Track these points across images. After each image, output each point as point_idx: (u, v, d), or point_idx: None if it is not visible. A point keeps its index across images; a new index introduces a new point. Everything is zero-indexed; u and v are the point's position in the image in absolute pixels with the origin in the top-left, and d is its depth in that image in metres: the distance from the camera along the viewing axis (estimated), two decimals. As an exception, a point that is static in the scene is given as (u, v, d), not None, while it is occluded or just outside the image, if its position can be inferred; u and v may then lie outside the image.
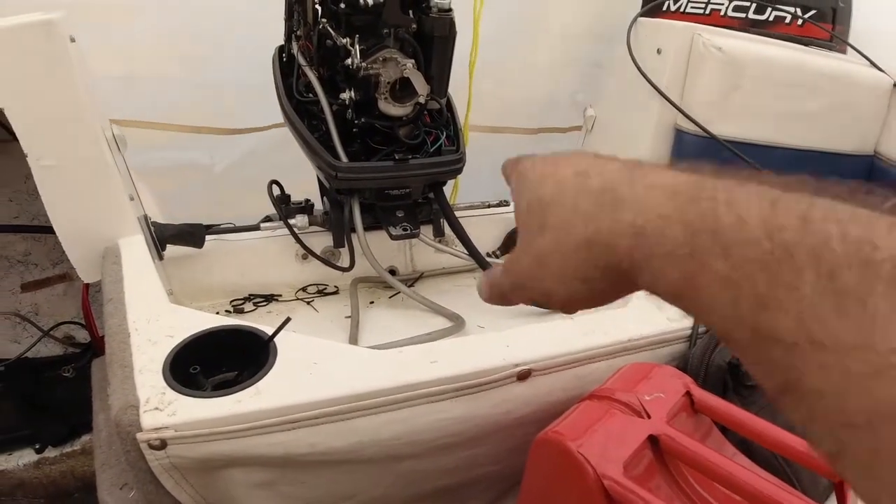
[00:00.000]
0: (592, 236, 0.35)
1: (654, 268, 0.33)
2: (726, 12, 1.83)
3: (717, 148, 1.14)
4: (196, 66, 1.79)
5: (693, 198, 0.31)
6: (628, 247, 0.34)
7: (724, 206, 0.29)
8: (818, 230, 0.26)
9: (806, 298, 0.25)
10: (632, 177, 0.35)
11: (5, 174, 1.37)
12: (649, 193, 0.33)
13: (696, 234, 0.30)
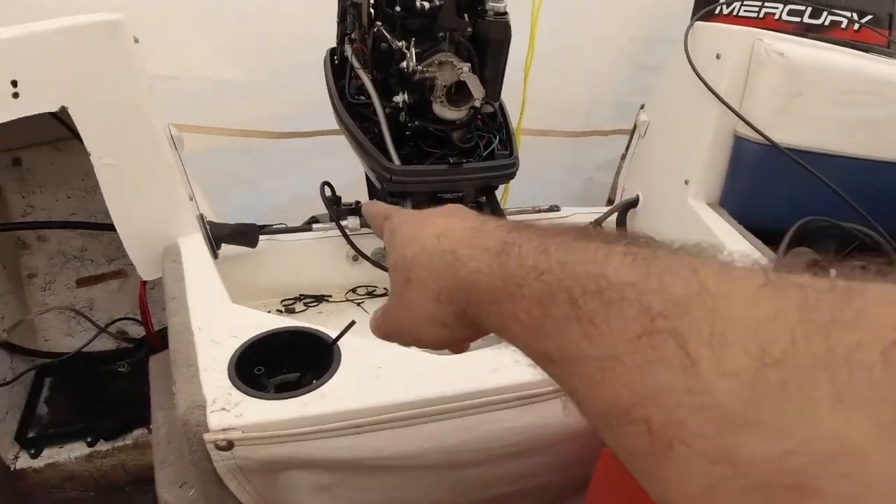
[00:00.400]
0: (441, 291, 0.42)
1: (483, 313, 0.39)
2: (781, 16, 1.79)
3: (778, 156, 1.11)
4: (244, 70, 1.81)
5: (499, 253, 0.37)
6: (465, 300, 0.40)
7: (515, 259, 0.36)
8: (570, 271, 0.32)
9: (561, 325, 0.31)
10: (472, 237, 0.41)
11: (64, 172, 1.40)
12: (474, 252, 0.39)
13: (496, 284, 0.36)
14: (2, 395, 1.30)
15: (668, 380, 0.26)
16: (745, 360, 0.24)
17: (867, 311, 0.22)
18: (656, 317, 0.27)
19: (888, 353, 0.21)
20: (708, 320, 0.26)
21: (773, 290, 0.25)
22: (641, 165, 1.38)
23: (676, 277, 0.28)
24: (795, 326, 0.23)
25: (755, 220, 1.17)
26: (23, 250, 1.44)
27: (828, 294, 0.24)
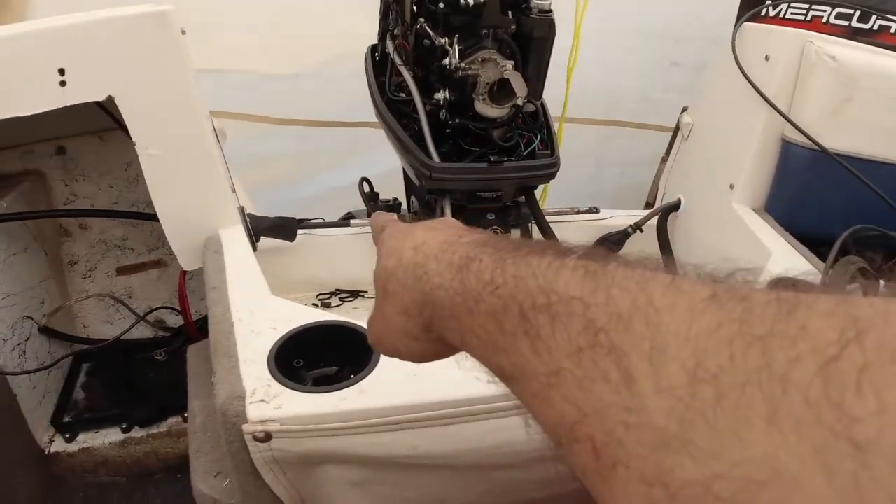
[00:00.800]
0: (409, 304, 0.42)
1: (445, 328, 0.39)
2: (828, 19, 1.75)
3: (827, 162, 1.08)
4: (282, 61, 1.83)
5: (460, 268, 0.37)
6: (430, 314, 0.40)
7: (474, 274, 0.36)
8: (523, 285, 0.32)
9: (512, 340, 0.31)
10: (442, 251, 0.40)
11: (107, 161, 1.42)
12: (439, 267, 0.39)
13: (456, 299, 0.36)
14: (39, 379, 1.33)
15: (607, 397, 0.25)
16: (682, 375, 0.23)
17: (810, 324, 0.21)
18: (599, 331, 0.27)
19: (827, 368, 0.19)
20: (649, 335, 0.25)
21: (717, 303, 0.24)
22: (684, 168, 1.36)
23: (624, 291, 0.27)
24: (734, 340, 0.22)
25: (801, 227, 1.14)
26: (65, 237, 1.47)
27: (772, 306, 0.22)
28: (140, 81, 0.94)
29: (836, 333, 0.20)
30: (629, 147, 2.33)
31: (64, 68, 0.90)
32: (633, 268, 0.29)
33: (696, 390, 0.22)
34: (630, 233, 1.29)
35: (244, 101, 1.81)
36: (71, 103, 0.91)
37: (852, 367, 0.19)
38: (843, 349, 0.19)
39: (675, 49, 2.18)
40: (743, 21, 1.24)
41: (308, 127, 1.93)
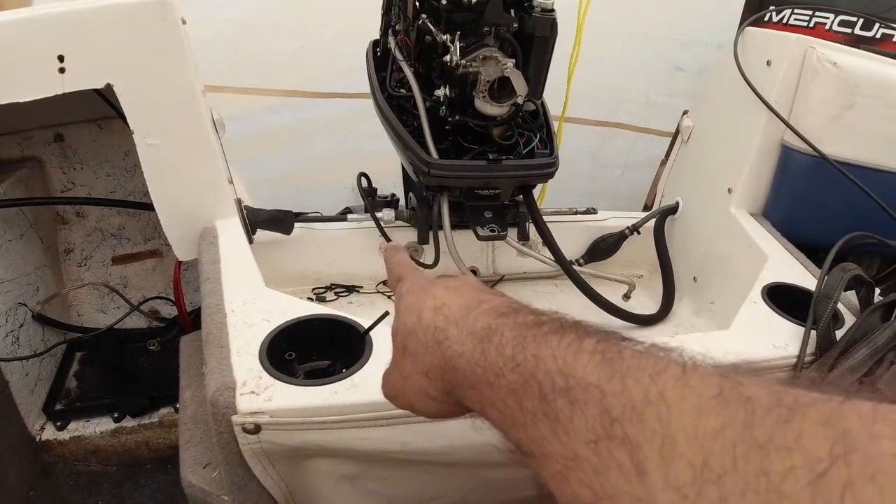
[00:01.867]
0: (430, 367, 0.43)
1: (466, 397, 0.40)
2: (831, 27, 1.75)
3: (826, 169, 1.08)
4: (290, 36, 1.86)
5: (482, 339, 0.38)
6: (451, 380, 0.41)
7: (495, 347, 0.37)
8: (543, 366, 0.33)
9: (532, 419, 0.33)
10: (463, 318, 0.41)
11: (106, 150, 1.42)
12: (460, 334, 0.40)
13: (477, 371, 0.37)
14: (32, 366, 1.32)
15: (621, 485, 0.27)
16: (689, 473, 0.25)
17: (806, 434, 0.23)
18: (614, 421, 0.29)
19: (816, 484, 0.22)
20: (660, 430, 0.27)
21: (723, 402, 0.26)
22: (683, 171, 1.36)
23: (637, 382, 0.29)
24: (737, 444, 0.24)
25: (799, 233, 1.14)
26: (61, 225, 1.47)
27: (772, 414, 0.24)
28: (139, 70, 0.93)
29: (826, 448, 0.22)
30: (630, 149, 2.33)
31: (63, 55, 0.89)
32: (647, 356, 0.31)
33: (702, 489, 0.24)
34: (627, 234, 1.29)
35: (248, 73, 1.84)
36: (69, 90, 0.91)
37: (838, 484, 0.21)
38: (832, 465, 0.22)
39: (680, 53, 2.18)
40: (745, 25, 1.24)
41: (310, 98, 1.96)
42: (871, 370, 0.78)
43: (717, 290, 1.18)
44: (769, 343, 0.82)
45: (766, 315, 0.90)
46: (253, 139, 1.93)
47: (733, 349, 0.80)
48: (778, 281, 0.98)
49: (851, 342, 0.82)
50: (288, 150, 2.04)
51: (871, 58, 1.15)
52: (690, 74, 2.19)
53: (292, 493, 0.73)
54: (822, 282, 0.89)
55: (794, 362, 0.81)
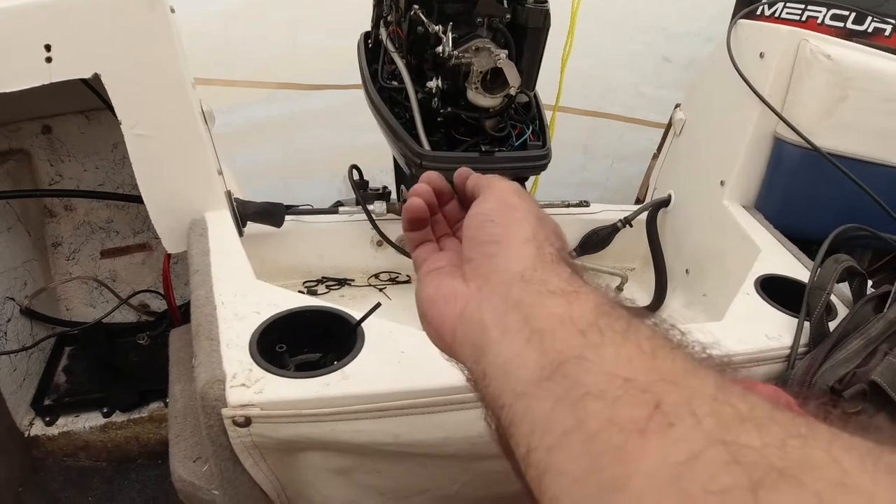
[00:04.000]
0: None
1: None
2: (823, 20, 1.75)
3: (819, 161, 1.08)
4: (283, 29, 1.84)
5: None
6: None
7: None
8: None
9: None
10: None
11: (94, 142, 1.40)
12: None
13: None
14: (20, 361, 1.31)
15: None
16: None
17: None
18: None
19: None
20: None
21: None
22: (675, 164, 1.36)
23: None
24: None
25: (790, 225, 1.14)
26: (49, 218, 1.45)
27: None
28: (127, 59, 0.92)
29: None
30: (619, 140, 2.34)
31: (50, 44, 0.88)
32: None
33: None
34: (620, 227, 1.28)
35: (240, 64, 1.83)
36: (56, 80, 0.89)
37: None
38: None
39: (667, 45, 2.18)
40: (738, 18, 1.24)
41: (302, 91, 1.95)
42: (864, 361, 0.78)
43: (709, 283, 1.18)
44: (762, 334, 0.82)
45: (760, 306, 0.90)
46: (244, 131, 1.92)
47: (726, 341, 0.79)
48: (771, 273, 0.98)
49: (844, 333, 0.82)
50: (279, 142, 2.03)
51: (864, 51, 1.15)
52: (679, 66, 2.19)
53: (284, 486, 0.72)
54: (816, 273, 0.89)
55: (788, 353, 0.81)
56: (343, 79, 1.82)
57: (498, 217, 0.44)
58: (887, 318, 0.83)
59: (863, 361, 0.78)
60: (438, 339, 0.44)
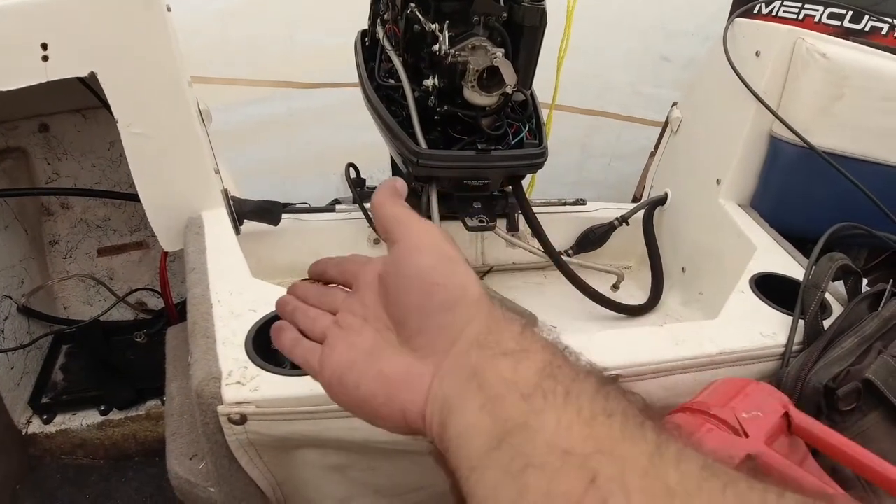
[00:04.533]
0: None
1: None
2: (820, 19, 1.75)
3: (814, 160, 1.08)
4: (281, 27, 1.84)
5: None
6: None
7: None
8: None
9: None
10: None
11: (91, 140, 1.40)
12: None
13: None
14: (17, 359, 1.31)
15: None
16: None
17: None
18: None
19: None
20: None
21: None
22: (672, 163, 1.36)
23: None
24: None
25: (786, 223, 1.14)
26: (46, 217, 1.45)
27: None
28: (124, 58, 0.92)
29: None
30: (616, 139, 2.34)
31: (47, 43, 0.88)
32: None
33: None
34: (616, 225, 1.29)
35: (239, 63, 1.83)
36: (53, 79, 0.89)
37: None
38: None
39: (666, 44, 2.18)
40: (735, 17, 1.24)
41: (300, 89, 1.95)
42: (858, 359, 0.79)
43: (705, 281, 1.18)
44: (757, 332, 0.82)
45: (754, 305, 0.90)
46: (241, 129, 1.92)
47: (721, 338, 0.80)
48: (766, 271, 0.99)
49: (839, 331, 0.83)
50: (277, 140, 2.03)
51: (861, 49, 1.15)
52: (677, 65, 2.19)
53: (279, 483, 0.72)
54: (810, 271, 0.90)
55: (782, 351, 0.81)
56: (341, 77, 1.81)
57: (442, 277, 0.40)
58: (882, 316, 0.84)
59: (857, 359, 0.79)
60: (405, 428, 0.41)
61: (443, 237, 0.42)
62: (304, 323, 0.49)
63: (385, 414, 0.41)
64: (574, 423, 0.31)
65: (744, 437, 0.60)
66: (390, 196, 0.45)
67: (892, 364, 0.76)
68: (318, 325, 0.47)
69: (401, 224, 0.42)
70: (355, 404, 0.42)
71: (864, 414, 0.75)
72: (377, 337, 0.42)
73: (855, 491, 0.68)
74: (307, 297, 0.52)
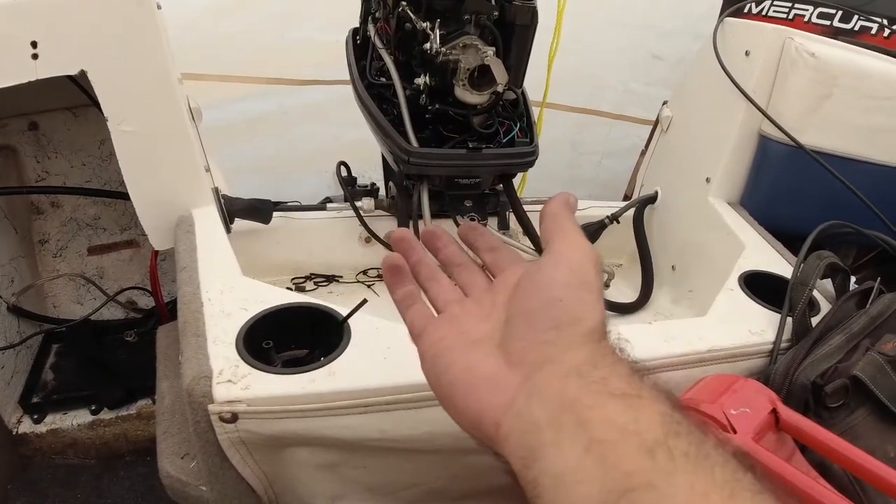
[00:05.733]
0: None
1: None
2: (810, 19, 1.77)
3: (803, 158, 1.09)
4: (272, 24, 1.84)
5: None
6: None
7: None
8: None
9: None
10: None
11: (81, 138, 1.40)
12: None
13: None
14: (7, 358, 1.30)
15: None
16: None
17: None
18: None
19: None
20: None
21: None
22: (662, 161, 1.37)
23: None
24: None
25: (776, 222, 1.15)
26: (36, 215, 1.44)
27: None
28: (113, 56, 0.92)
29: None
30: (607, 137, 2.35)
31: (36, 41, 0.88)
32: None
33: None
34: (607, 224, 1.29)
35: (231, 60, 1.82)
36: (43, 77, 0.89)
37: None
38: None
39: (657, 43, 2.19)
40: (725, 16, 1.24)
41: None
42: (846, 356, 0.79)
43: (695, 279, 1.19)
44: (745, 329, 0.83)
45: (743, 302, 0.91)
46: (233, 126, 1.92)
47: (710, 336, 0.80)
48: (755, 269, 0.99)
49: (827, 329, 0.83)
50: (269, 137, 2.03)
51: (849, 49, 1.16)
52: (668, 64, 2.20)
53: (271, 482, 0.72)
54: (798, 269, 0.90)
55: (771, 349, 0.82)
56: (333, 74, 1.82)
57: (568, 298, 0.38)
58: (869, 313, 0.84)
59: (845, 356, 0.79)
60: (475, 429, 0.39)
61: (591, 263, 0.40)
62: (433, 289, 0.49)
63: (461, 407, 0.40)
64: (711, 491, 0.28)
65: (732, 433, 0.61)
66: (562, 207, 0.44)
67: (879, 361, 0.76)
68: (443, 298, 0.47)
69: (561, 236, 0.42)
70: (438, 385, 0.42)
71: (852, 410, 0.76)
72: (487, 334, 0.42)
73: (842, 488, 0.69)
74: (449, 262, 0.51)
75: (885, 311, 0.85)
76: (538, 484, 0.32)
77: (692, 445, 0.30)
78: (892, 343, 0.79)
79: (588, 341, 0.37)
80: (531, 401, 0.35)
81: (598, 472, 0.30)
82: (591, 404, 0.33)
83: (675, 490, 0.28)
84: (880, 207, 1.07)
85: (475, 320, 0.44)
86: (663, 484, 0.28)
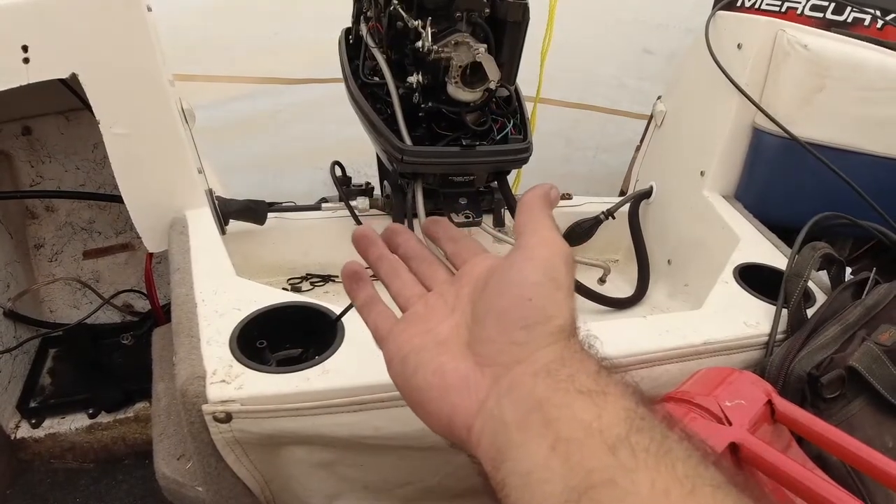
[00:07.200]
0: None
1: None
2: (803, 11, 1.76)
3: (797, 151, 1.09)
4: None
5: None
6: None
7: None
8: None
9: None
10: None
11: (74, 142, 1.39)
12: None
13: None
14: (5, 363, 1.30)
15: None
16: None
17: None
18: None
19: None
20: None
21: None
22: (657, 156, 1.36)
23: None
24: None
25: (770, 214, 1.15)
26: (31, 220, 1.44)
27: None
28: (104, 59, 0.91)
29: None
30: (601, 132, 2.34)
31: (27, 45, 0.87)
32: None
33: None
34: (602, 219, 1.29)
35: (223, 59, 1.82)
36: (34, 81, 0.89)
37: None
38: None
39: (649, 37, 2.19)
40: (717, 9, 1.24)
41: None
42: (841, 347, 0.79)
43: (690, 273, 1.19)
44: (741, 322, 0.83)
45: (738, 294, 0.91)
46: (227, 126, 1.91)
47: (705, 329, 0.80)
48: (749, 261, 0.99)
49: (822, 320, 0.83)
50: (263, 136, 2.02)
51: (842, 40, 1.16)
52: (661, 58, 2.20)
53: (267, 481, 0.72)
54: (793, 261, 0.90)
55: (766, 340, 0.82)
56: (326, 73, 1.81)
57: (537, 296, 0.37)
58: (865, 304, 0.84)
59: (840, 347, 0.79)
60: (446, 432, 0.39)
61: (562, 259, 0.39)
62: (394, 284, 0.48)
63: (432, 410, 0.40)
64: (672, 488, 0.28)
65: (727, 425, 0.60)
66: (539, 199, 0.43)
67: (875, 351, 0.76)
68: (406, 293, 0.46)
69: (532, 231, 0.41)
70: (407, 388, 0.42)
71: (849, 401, 0.76)
72: (454, 331, 0.41)
73: (841, 479, 0.69)
74: (409, 256, 0.49)
75: (881, 302, 0.85)
76: (506, 484, 0.32)
77: (654, 441, 0.30)
78: (888, 333, 0.79)
79: (558, 339, 0.37)
80: (502, 402, 0.35)
81: (562, 471, 0.30)
82: (558, 403, 0.33)
83: (636, 487, 0.28)
84: (875, 198, 1.07)
85: (440, 316, 0.43)
86: (624, 480, 0.28)
